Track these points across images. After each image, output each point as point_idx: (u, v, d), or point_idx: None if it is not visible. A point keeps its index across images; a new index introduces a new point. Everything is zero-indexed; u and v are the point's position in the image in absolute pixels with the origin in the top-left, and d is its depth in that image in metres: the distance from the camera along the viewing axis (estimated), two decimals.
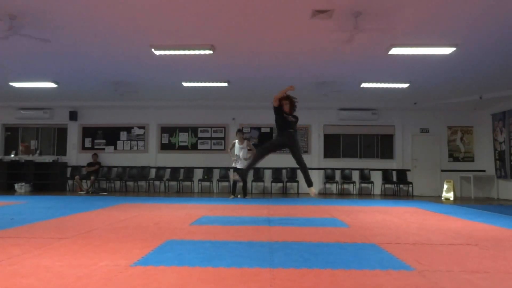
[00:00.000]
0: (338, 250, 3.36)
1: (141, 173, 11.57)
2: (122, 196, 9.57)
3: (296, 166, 5.38)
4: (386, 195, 10.98)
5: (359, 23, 5.06)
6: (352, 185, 11.30)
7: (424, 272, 2.67)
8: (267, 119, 11.56)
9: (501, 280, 2.54)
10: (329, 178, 11.37)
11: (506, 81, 8.34)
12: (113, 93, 9.89)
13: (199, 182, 11.31)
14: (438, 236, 4.14)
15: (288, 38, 5.97)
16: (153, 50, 6.48)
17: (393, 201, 8.87)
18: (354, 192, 11.32)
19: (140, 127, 11.87)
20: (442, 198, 10.02)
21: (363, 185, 11.38)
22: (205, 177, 11.35)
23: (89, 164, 11.17)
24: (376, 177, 11.31)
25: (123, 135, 11.88)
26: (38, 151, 11.99)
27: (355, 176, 11.39)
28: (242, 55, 6.89)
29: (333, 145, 11.70)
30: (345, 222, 5.06)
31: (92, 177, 10.81)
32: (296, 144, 5.29)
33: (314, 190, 5.29)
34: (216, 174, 11.47)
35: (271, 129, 11.62)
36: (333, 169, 11.46)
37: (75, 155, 11.81)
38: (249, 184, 11.25)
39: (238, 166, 9.00)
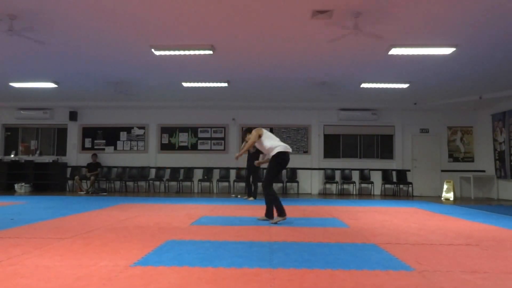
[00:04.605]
0: (338, 250, 3.36)
1: (141, 173, 11.57)
2: (122, 196, 9.57)
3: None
4: (386, 195, 10.99)
5: (359, 23, 5.06)
6: (352, 185, 11.30)
7: (424, 272, 2.67)
8: (267, 119, 11.62)
9: (501, 280, 2.54)
10: (329, 178, 11.37)
11: (506, 81, 8.34)
12: (113, 93, 9.88)
13: (199, 182, 11.31)
14: (438, 236, 4.14)
15: (288, 38, 5.97)
16: (153, 50, 6.48)
17: (393, 201, 8.87)
18: (354, 192, 11.32)
19: (140, 127, 11.87)
20: (442, 198, 10.02)
21: (363, 185, 11.38)
22: (205, 177, 11.35)
23: (89, 165, 11.17)
24: (376, 177, 11.32)
25: (123, 135, 11.88)
26: (38, 151, 12.00)
27: (355, 176, 11.39)
28: (242, 55, 6.89)
29: (333, 145, 11.70)
30: (345, 222, 5.06)
31: (92, 178, 10.81)
32: None
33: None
34: (216, 174, 11.47)
35: (271, 129, 11.61)
36: (333, 169, 11.46)
37: (75, 155, 11.81)
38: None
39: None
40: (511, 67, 7.32)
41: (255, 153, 8.71)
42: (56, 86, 9.19)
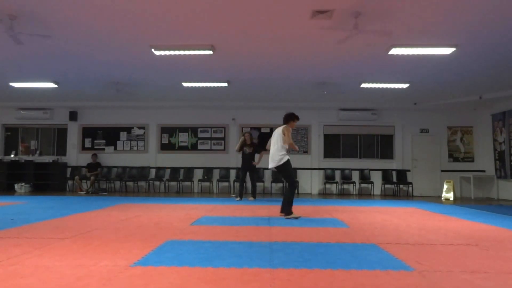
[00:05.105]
0: (338, 250, 3.36)
1: (141, 173, 11.57)
2: (122, 196, 9.57)
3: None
4: (386, 195, 10.98)
5: (359, 24, 5.06)
6: (352, 185, 11.30)
7: (424, 272, 2.67)
8: (267, 119, 11.62)
9: (501, 280, 2.54)
10: (329, 178, 11.36)
11: (506, 81, 8.34)
12: (113, 93, 9.89)
13: (199, 182, 11.31)
14: (438, 236, 4.14)
15: (288, 38, 5.97)
16: (153, 50, 6.48)
17: (393, 201, 8.87)
18: (354, 192, 11.32)
19: (140, 127, 11.87)
20: (442, 198, 10.02)
21: (363, 185, 11.38)
22: (205, 177, 11.35)
23: (89, 165, 11.17)
24: (376, 177, 11.32)
25: (123, 135, 11.88)
26: (38, 151, 12.00)
27: (355, 176, 11.39)
28: (242, 55, 6.89)
29: (333, 145, 11.70)
30: (345, 222, 5.06)
31: (92, 178, 10.81)
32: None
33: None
34: (216, 174, 11.48)
35: (271, 129, 11.61)
36: (333, 169, 11.46)
37: (75, 155, 11.81)
38: (249, 184, 11.26)
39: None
40: (511, 67, 7.32)
41: (251, 154, 8.74)
42: (56, 86, 9.19)
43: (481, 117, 11.22)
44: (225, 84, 8.93)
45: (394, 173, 11.36)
